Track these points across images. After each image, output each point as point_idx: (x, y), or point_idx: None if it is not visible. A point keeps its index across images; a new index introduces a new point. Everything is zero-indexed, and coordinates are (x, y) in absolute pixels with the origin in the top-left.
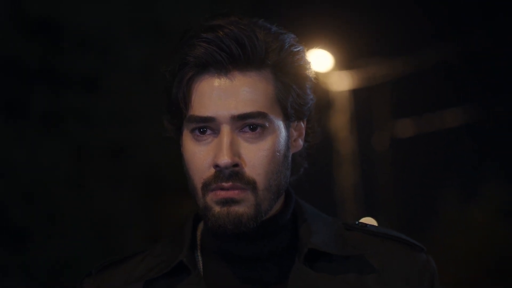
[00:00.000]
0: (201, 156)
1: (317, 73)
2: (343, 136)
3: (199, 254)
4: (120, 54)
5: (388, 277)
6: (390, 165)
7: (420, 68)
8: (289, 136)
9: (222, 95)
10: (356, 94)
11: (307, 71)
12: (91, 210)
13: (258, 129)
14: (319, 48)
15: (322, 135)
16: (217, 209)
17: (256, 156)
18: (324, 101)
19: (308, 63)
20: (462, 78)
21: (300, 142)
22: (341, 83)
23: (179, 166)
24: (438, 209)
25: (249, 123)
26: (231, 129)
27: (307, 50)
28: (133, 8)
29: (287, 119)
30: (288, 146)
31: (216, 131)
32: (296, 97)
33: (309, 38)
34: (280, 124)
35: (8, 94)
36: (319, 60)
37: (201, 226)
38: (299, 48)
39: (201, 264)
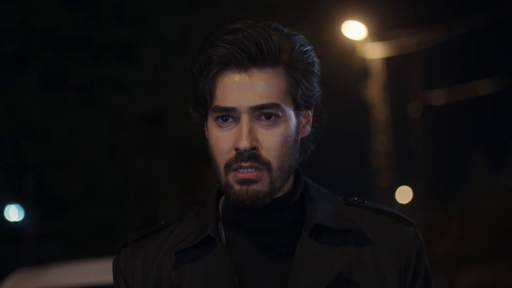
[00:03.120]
0: (224, 140)
1: (352, 42)
2: (377, 103)
3: (221, 225)
4: (155, 23)
5: (381, 248)
6: (423, 132)
7: (452, 39)
8: (298, 123)
9: (242, 88)
10: (389, 63)
11: (314, 68)
12: (127, 176)
13: (273, 118)
14: (353, 19)
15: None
16: (237, 187)
17: (271, 140)
18: (360, 69)
19: (316, 61)
20: (492, 48)
21: (308, 128)
22: (375, 52)
23: None
24: (469, 175)
25: (265, 113)
26: (249, 117)
27: (343, 22)
28: None
29: (297, 108)
30: (297, 132)
31: (237, 119)
32: (304, 90)
33: (344, 10)
34: (291, 113)
35: (45, 64)
36: (353, 30)
37: (222, 200)
38: (307, 48)
39: (223, 235)
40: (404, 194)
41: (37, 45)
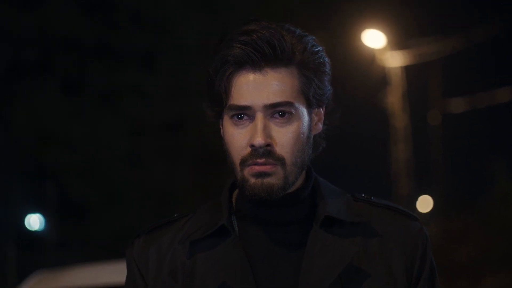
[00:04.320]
0: (239, 137)
1: (372, 51)
2: (397, 112)
3: (234, 218)
4: (175, 31)
5: (388, 241)
6: (443, 140)
7: (471, 46)
8: (311, 120)
9: (256, 87)
10: (409, 71)
11: (325, 67)
12: (148, 184)
13: (286, 115)
14: (373, 28)
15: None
16: (252, 180)
17: (284, 137)
18: (379, 77)
19: (327, 61)
20: (511, 55)
21: (320, 125)
22: (394, 60)
23: None
24: (489, 183)
25: (279, 111)
26: (264, 115)
27: (363, 30)
28: None
29: (309, 106)
30: (310, 129)
31: (252, 117)
32: (316, 88)
33: (363, 19)
34: (304, 111)
35: (66, 71)
36: (373, 39)
37: (235, 194)
38: (319, 48)
39: (236, 227)
40: (425, 203)
41: (58, 53)
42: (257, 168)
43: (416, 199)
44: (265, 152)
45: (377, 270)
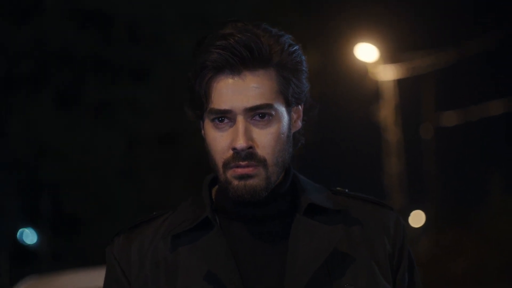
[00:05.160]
0: (221, 140)
1: (365, 64)
2: (389, 125)
3: (215, 214)
4: (169, 44)
5: (369, 229)
6: (435, 154)
7: (463, 59)
8: (290, 119)
9: (236, 91)
10: (401, 84)
11: (302, 66)
12: (142, 197)
13: (266, 117)
14: (365, 42)
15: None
16: (235, 182)
17: (265, 139)
18: (372, 91)
19: (303, 59)
20: (503, 68)
21: (299, 122)
22: (387, 74)
23: None
24: (482, 197)
25: (259, 113)
26: (244, 118)
27: (356, 44)
28: (182, 0)
29: (288, 105)
30: (290, 128)
31: (233, 120)
32: (295, 87)
33: (356, 32)
34: (283, 111)
35: (61, 84)
36: (366, 53)
37: (215, 190)
38: (295, 48)
39: (218, 222)
40: (417, 218)
41: (53, 66)
42: (239, 171)
43: (409, 213)
44: (247, 154)
45: (361, 255)
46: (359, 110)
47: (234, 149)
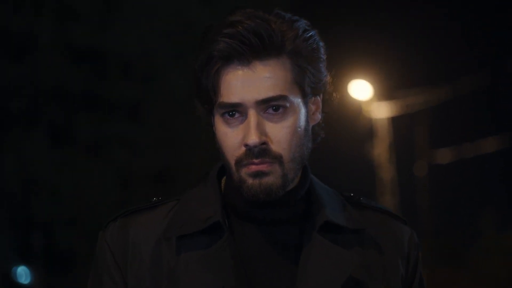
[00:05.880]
0: (232, 136)
1: (358, 102)
2: (383, 163)
3: (224, 212)
4: (162, 81)
5: (386, 251)
6: (429, 191)
7: (457, 96)
8: (308, 111)
9: (246, 83)
10: (395, 122)
11: (319, 53)
12: None
13: (280, 110)
14: (359, 78)
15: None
16: (250, 181)
17: (280, 133)
18: (366, 129)
19: (321, 45)
20: (497, 105)
21: (318, 115)
22: (381, 111)
23: None
24: (476, 234)
25: (272, 105)
26: (256, 111)
27: (349, 81)
28: (174, 37)
29: (305, 96)
30: (308, 121)
31: (244, 114)
32: (311, 77)
33: (350, 69)
34: (299, 102)
35: (54, 121)
36: (360, 90)
37: (223, 182)
38: (311, 33)
39: (227, 222)
40: None
41: (46, 103)
42: (253, 168)
43: None
44: (261, 150)
45: (376, 282)
46: (353, 147)
47: (246, 145)
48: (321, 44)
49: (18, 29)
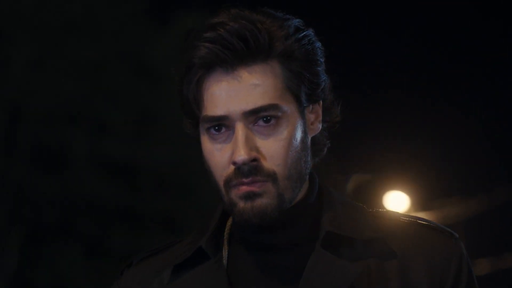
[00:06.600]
0: (219, 154)
1: None
2: None
3: (225, 242)
4: (196, 193)
5: (409, 263)
6: None
7: (495, 207)
8: (305, 121)
9: (231, 92)
10: None
11: (315, 55)
12: None
13: (272, 121)
14: (396, 190)
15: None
16: (241, 204)
17: (273, 147)
18: None
19: (317, 46)
20: None
21: (318, 124)
22: None
23: None
24: None
25: (262, 116)
26: (244, 124)
27: (385, 193)
28: None
29: (301, 105)
30: (305, 132)
31: (231, 128)
32: (307, 82)
33: (387, 180)
34: (294, 112)
35: (89, 234)
36: (396, 201)
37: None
38: (305, 33)
39: (226, 252)
40: None
41: (80, 216)
42: (244, 188)
43: None
44: (251, 168)
45: None
46: None
47: (234, 163)
48: (318, 45)
49: (52, 142)
